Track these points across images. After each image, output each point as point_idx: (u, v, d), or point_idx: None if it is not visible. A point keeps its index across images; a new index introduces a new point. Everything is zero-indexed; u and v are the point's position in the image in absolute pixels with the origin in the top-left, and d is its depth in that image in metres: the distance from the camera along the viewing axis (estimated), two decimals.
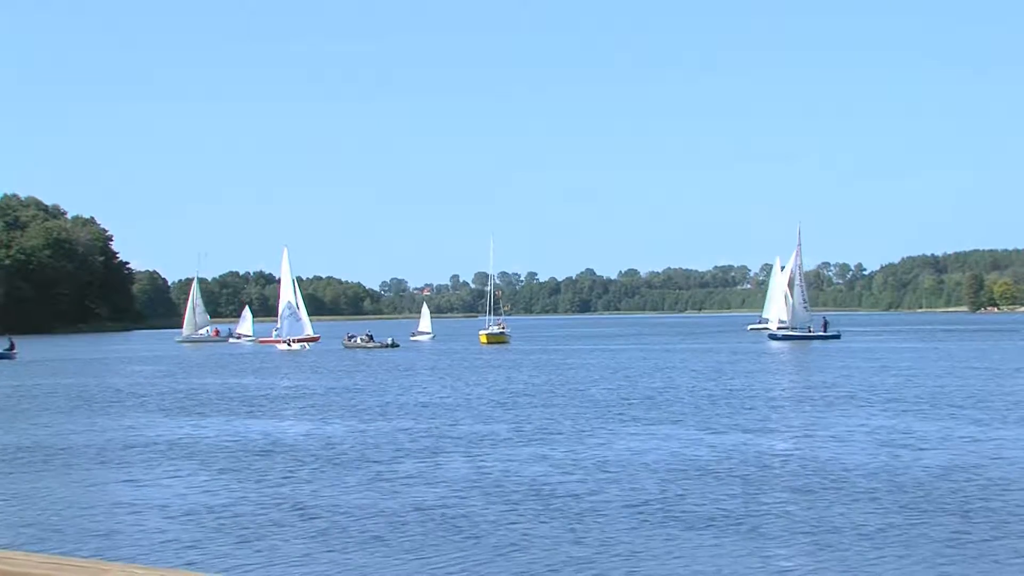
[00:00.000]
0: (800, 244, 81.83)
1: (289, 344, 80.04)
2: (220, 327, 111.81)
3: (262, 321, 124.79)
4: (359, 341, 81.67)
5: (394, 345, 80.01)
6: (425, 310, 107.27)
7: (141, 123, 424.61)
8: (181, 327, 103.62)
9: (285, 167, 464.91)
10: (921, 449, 20.70)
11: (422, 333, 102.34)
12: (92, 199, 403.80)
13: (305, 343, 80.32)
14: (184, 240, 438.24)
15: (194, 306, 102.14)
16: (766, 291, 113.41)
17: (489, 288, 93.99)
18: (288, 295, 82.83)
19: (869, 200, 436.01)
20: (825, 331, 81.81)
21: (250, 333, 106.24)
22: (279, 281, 78.92)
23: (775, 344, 76.40)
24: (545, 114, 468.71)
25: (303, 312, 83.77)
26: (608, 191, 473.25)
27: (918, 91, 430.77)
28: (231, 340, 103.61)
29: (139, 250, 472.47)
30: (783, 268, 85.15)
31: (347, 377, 46.92)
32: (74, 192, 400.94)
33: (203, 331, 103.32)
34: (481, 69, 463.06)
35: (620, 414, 28.23)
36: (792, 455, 19.98)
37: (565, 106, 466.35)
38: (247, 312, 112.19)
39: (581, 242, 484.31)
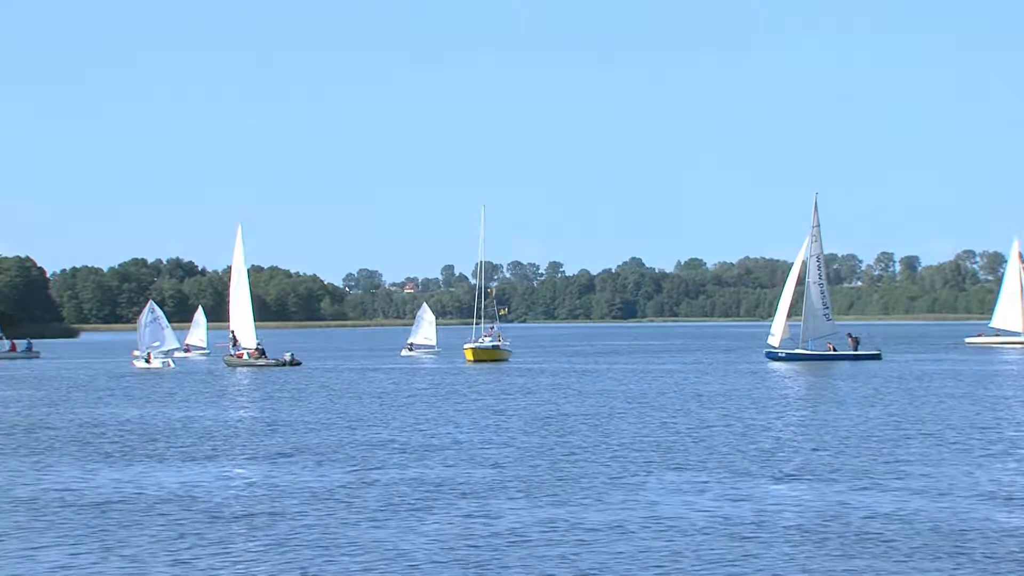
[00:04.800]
0: (818, 226, 79.79)
1: (147, 360, 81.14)
2: (19, 341, 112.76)
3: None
4: (246, 356, 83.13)
5: (294, 363, 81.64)
6: (427, 313, 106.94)
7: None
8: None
9: (208, 123, 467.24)
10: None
11: (421, 346, 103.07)
12: None
13: (169, 361, 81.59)
14: (70, 219, 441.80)
15: None
16: (996, 290, 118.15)
17: (478, 281, 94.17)
18: (243, 288, 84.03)
19: None
20: (855, 349, 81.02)
21: (203, 344, 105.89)
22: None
23: (777, 366, 75.87)
24: (569, 57, 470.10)
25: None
26: (661, 153, 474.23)
27: None
28: (178, 354, 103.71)
29: (6, 231, 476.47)
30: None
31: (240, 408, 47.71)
32: None
33: None
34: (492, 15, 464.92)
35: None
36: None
37: (595, 57, 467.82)
38: (200, 316, 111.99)
39: (624, 222, 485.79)
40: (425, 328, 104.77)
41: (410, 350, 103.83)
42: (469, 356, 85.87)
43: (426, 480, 26.15)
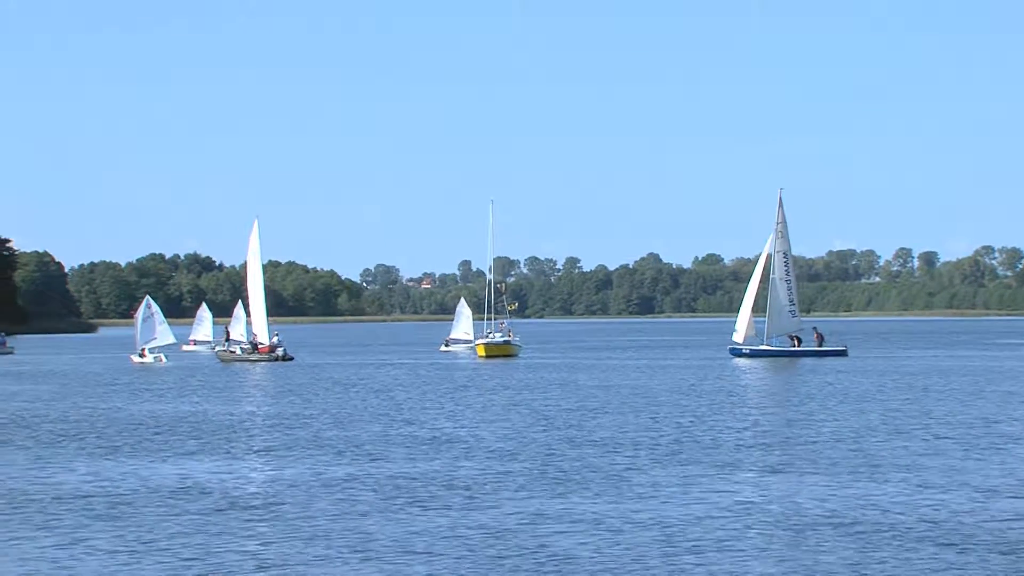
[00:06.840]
0: (784, 222, 79.92)
1: (142, 355, 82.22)
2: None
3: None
4: (239, 351, 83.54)
5: (286, 358, 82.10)
6: (465, 308, 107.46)
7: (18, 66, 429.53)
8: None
9: (228, 121, 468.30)
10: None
11: (459, 341, 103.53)
12: None
13: (161, 356, 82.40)
14: (86, 215, 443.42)
15: None
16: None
17: (489, 274, 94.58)
18: (257, 283, 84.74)
19: None
20: (820, 345, 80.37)
21: (243, 338, 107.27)
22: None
23: (741, 362, 75.47)
24: (583, 54, 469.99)
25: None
26: (678, 149, 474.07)
27: None
28: (184, 348, 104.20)
29: (25, 226, 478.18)
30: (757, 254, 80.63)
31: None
32: None
33: None
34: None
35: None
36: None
37: (608, 54, 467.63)
38: (204, 311, 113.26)
39: (641, 218, 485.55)
40: (464, 323, 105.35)
41: (446, 345, 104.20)
42: (480, 351, 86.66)
43: (423, 474, 26.37)
